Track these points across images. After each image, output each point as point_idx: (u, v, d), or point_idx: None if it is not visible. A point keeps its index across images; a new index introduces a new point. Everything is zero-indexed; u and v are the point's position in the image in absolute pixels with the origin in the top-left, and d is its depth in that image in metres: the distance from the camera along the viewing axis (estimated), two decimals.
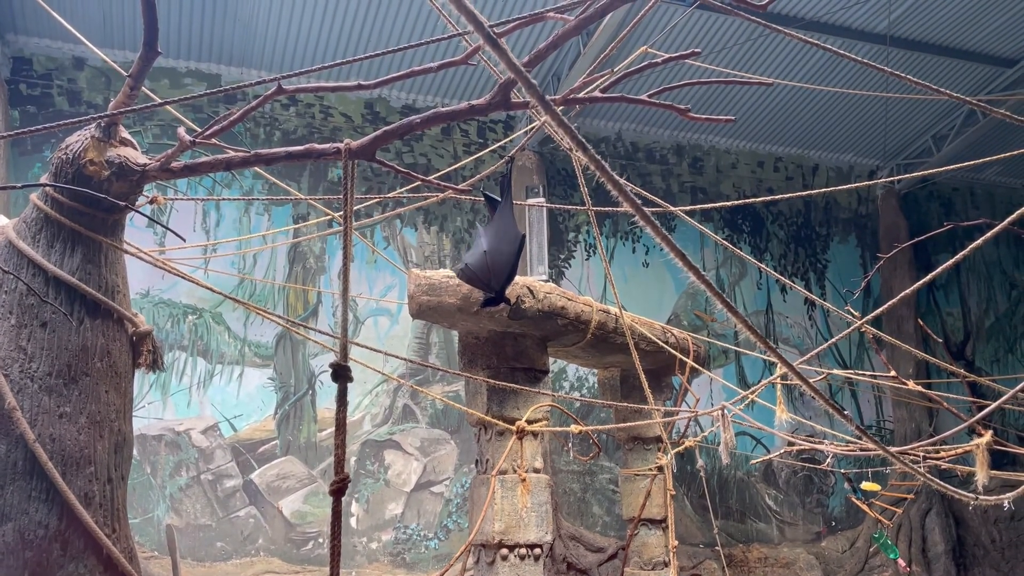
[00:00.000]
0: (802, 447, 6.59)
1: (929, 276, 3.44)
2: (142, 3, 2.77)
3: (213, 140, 3.07)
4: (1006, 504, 3.56)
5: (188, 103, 9.44)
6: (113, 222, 3.43)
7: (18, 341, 3.20)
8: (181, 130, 3.04)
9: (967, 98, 3.12)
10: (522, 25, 2.69)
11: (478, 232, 4.54)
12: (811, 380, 2.63)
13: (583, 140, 1.98)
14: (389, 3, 9.75)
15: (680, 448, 7.36)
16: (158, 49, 2.97)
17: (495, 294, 4.35)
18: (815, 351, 4.26)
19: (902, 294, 3.46)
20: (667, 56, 2.82)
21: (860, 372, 11.95)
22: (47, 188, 3.32)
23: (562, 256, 11.76)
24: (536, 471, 5.99)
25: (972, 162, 5.01)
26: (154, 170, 3.25)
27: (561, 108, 2.60)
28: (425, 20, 9.95)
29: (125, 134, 3.40)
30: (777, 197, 5.81)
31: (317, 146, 2.93)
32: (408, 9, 9.83)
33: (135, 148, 3.41)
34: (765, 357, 10.02)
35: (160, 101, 3.31)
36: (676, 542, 7.01)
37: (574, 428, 5.92)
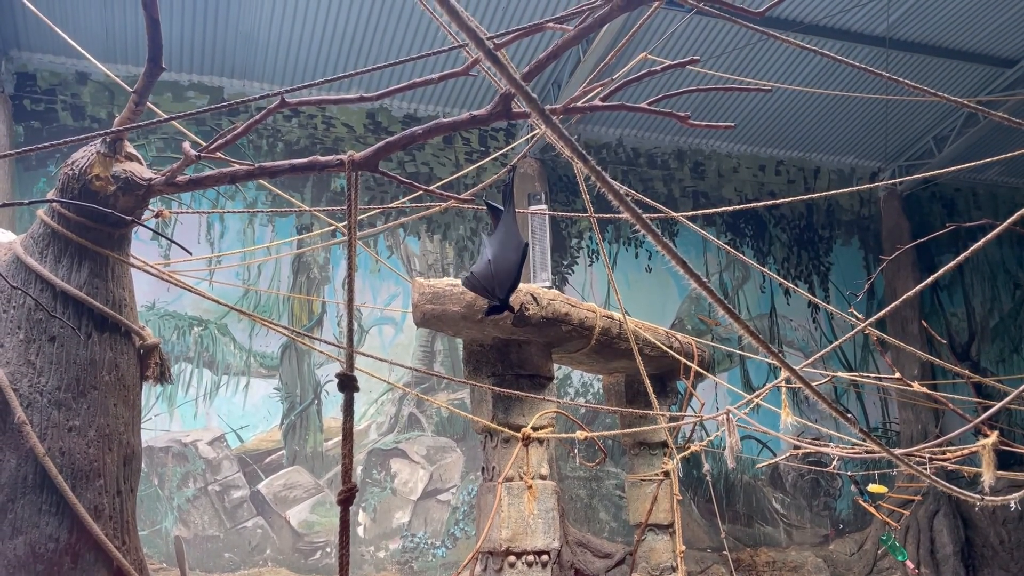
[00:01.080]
0: (808, 450, 6.59)
1: (932, 277, 3.44)
2: (147, 20, 2.80)
3: (218, 154, 3.10)
4: (1013, 504, 3.56)
5: (191, 117, 9.50)
6: (119, 236, 3.46)
7: (27, 356, 3.22)
8: (186, 145, 3.07)
9: (964, 101, 3.14)
10: (521, 36, 2.71)
11: (483, 242, 4.56)
12: (816, 383, 2.64)
13: (583, 151, 2.00)
14: (390, 15, 9.80)
15: (686, 453, 7.37)
16: (162, 65, 3.00)
17: (499, 302, 4.36)
18: (819, 354, 4.26)
19: (906, 295, 3.46)
20: (667, 64, 2.84)
21: (865, 374, 11.94)
22: (54, 204, 3.35)
23: (565, 262, 11.77)
24: (542, 478, 6.00)
25: (974, 163, 5.01)
26: (160, 184, 3.27)
27: (562, 117, 2.62)
28: (426, 30, 9.99)
29: (130, 149, 3.42)
30: (779, 201, 5.81)
31: (321, 158, 2.96)
32: (409, 20, 9.87)
33: (140, 163, 3.44)
34: (769, 361, 10.01)
35: (165, 116, 3.34)
36: (683, 547, 7.01)
37: (580, 434, 5.93)
